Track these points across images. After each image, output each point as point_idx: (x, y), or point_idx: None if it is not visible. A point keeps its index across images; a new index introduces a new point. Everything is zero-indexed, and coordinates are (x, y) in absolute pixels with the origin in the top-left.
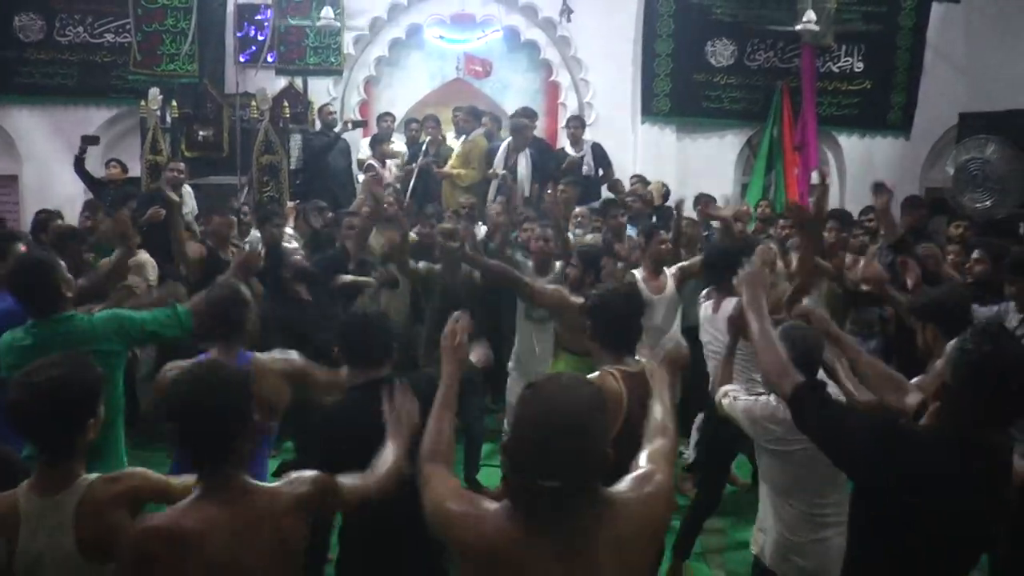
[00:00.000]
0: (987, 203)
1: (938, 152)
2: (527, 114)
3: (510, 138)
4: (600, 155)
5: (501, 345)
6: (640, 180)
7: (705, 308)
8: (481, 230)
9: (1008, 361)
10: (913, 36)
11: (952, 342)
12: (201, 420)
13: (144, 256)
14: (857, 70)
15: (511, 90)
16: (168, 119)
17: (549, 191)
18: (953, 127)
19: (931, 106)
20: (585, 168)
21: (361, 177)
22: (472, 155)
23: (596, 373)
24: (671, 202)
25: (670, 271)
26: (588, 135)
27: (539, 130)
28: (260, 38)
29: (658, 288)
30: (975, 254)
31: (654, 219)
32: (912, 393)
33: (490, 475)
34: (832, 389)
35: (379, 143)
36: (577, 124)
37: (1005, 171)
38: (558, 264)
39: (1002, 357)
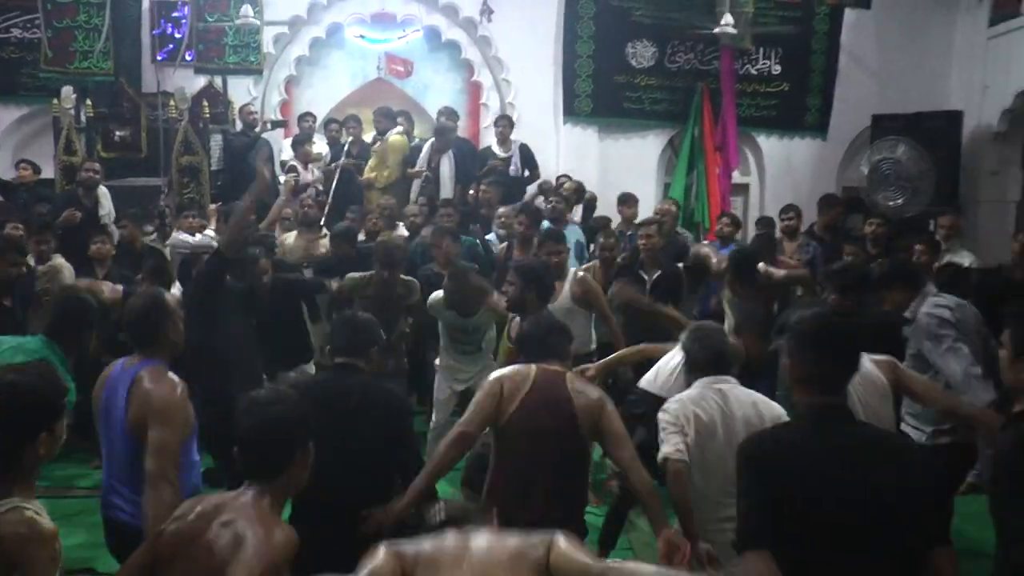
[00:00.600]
0: (899, 201)
1: (853, 152)
2: (450, 115)
3: (432, 139)
4: (527, 156)
5: (427, 344)
6: (567, 180)
7: None
8: (401, 230)
9: (820, 322)
10: (827, 40)
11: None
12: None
13: (60, 260)
14: (775, 73)
15: (433, 90)
16: (83, 119)
17: (472, 191)
18: (867, 128)
19: (846, 108)
20: (512, 169)
21: (283, 178)
22: (387, 155)
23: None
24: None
25: (578, 275)
26: (512, 135)
27: (461, 130)
28: (177, 36)
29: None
30: None
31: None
32: None
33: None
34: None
35: (300, 144)
36: (506, 124)
37: (915, 171)
38: None
39: (816, 320)
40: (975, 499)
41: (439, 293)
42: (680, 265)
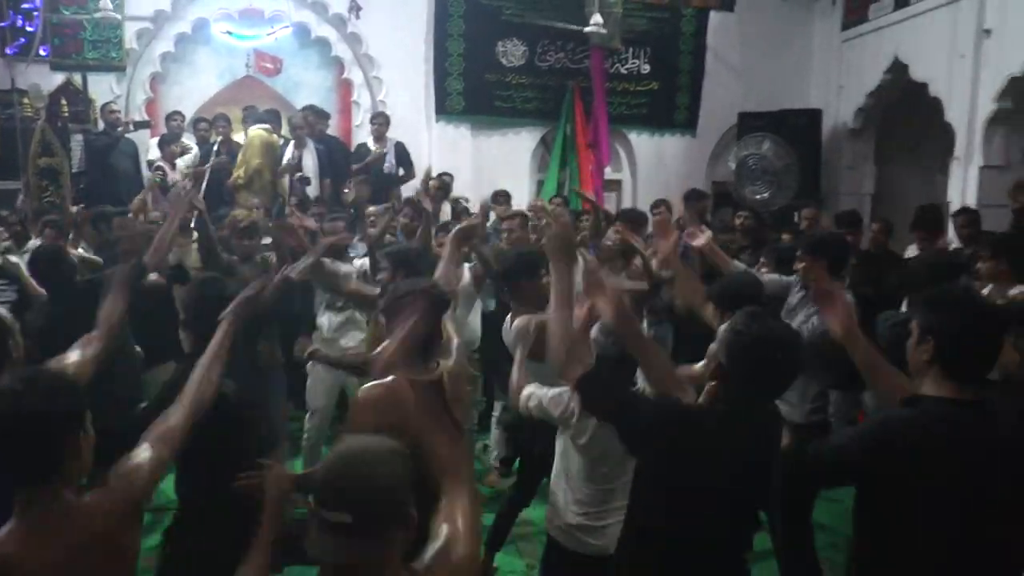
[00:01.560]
0: (765, 195)
1: (721, 149)
2: (318, 113)
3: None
4: (402, 154)
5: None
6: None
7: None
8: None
9: (772, 341)
10: (694, 41)
11: (724, 325)
12: (23, 435)
13: None
14: (644, 72)
15: (304, 88)
16: None
17: (347, 189)
18: (733, 126)
19: (713, 106)
20: (387, 166)
21: (148, 176)
22: (248, 152)
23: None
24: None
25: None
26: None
27: (333, 128)
28: (29, 29)
29: None
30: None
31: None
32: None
33: None
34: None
35: (168, 143)
36: (382, 121)
37: (780, 166)
38: None
39: (767, 337)
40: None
41: None
42: None
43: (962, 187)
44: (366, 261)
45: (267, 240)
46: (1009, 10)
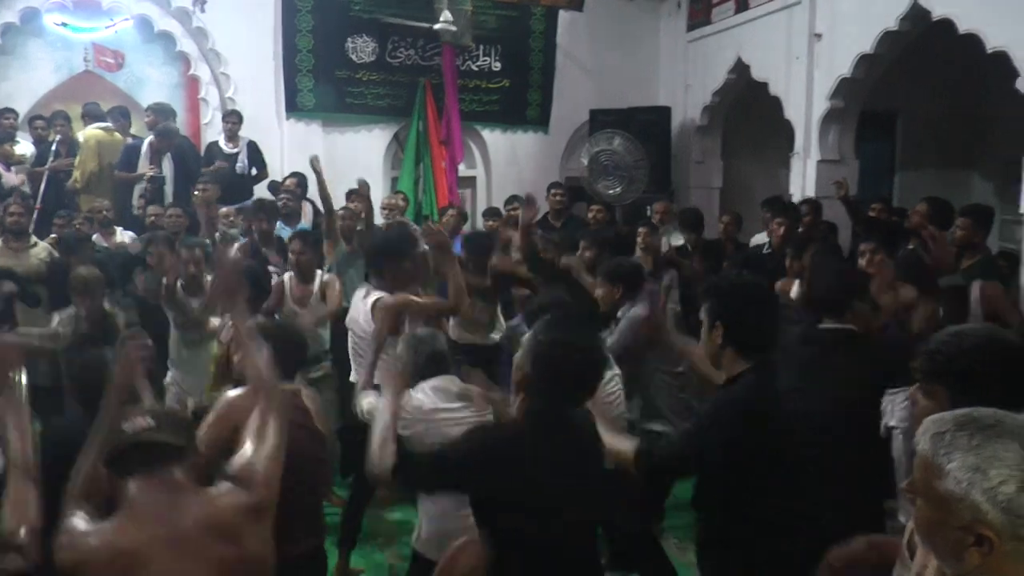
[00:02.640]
0: (618, 190)
1: (574, 145)
2: (163, 111)
3: (152, 137)
4: (255, 153)
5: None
6: (294, 176)
7: (360, 299)
8: (126, 236)
9: (569, 348)
10: (544, 39)
11: (527, 335)
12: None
13: None
14: (496, 69)
15: (148, 84)
16: None
17: (196, 191)
18: (585, 122)
19: (565, 103)
20: (240, 166)
21: None
22: (84, 154)
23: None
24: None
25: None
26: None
27: (181, 126)
28: None
29: (303, 298)
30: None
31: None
32: None
33: None
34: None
35: (1, 144)
36: (235, 120)
37: (631, 161)
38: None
39: (566, 342)
40: None
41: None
42: None
43: (802, 180)
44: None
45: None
46: (837, 15)
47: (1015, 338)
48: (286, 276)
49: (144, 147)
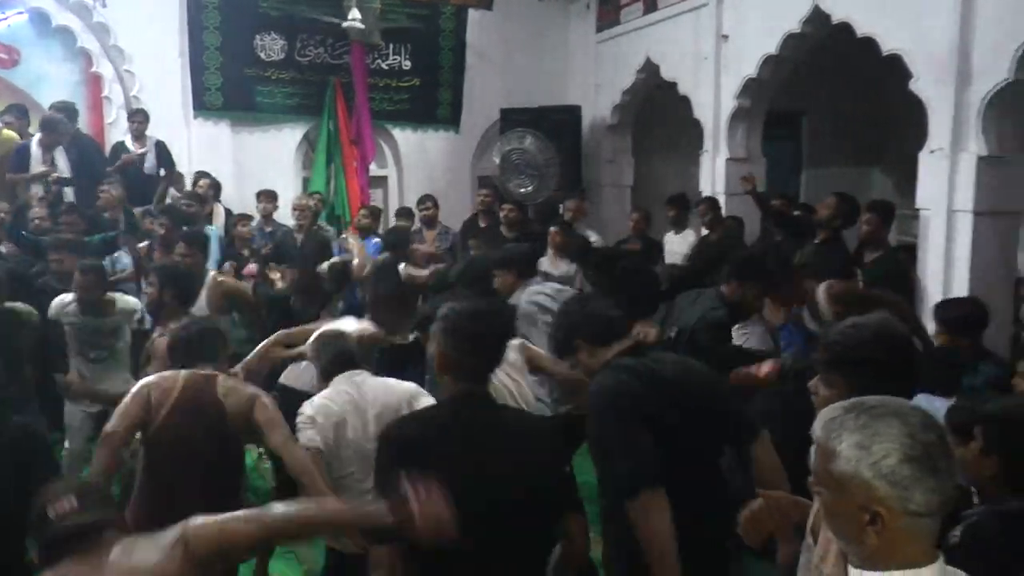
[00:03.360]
0: (529, 188)
1: (485, 144)
2: (66, 110)
3: (39, 134)
4: (164, 153)
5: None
6: (203, 176)
7: None
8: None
9: (479, 313)
10: (454, 38)
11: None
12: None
13: None
14: (406, 68)
15: (47, 82)
16: None
17: (101, 192)
18: (496, 121)
19: (476, 102)
20: (148, 166)
21: None
22: None
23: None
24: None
25: (215, 279)
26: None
27: (83, 125)
28: None
29: None
30: None
31: None
32: None
33: None
34: None
35: None
36: (141, 119)
37: (542, 160)
38: None
39: (472, 311)
40: None
41: (64, 296)
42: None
43: (711, 178)
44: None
45: None
46: (743, 18)
47: (905, 328)
48: None
49: (33, 146)
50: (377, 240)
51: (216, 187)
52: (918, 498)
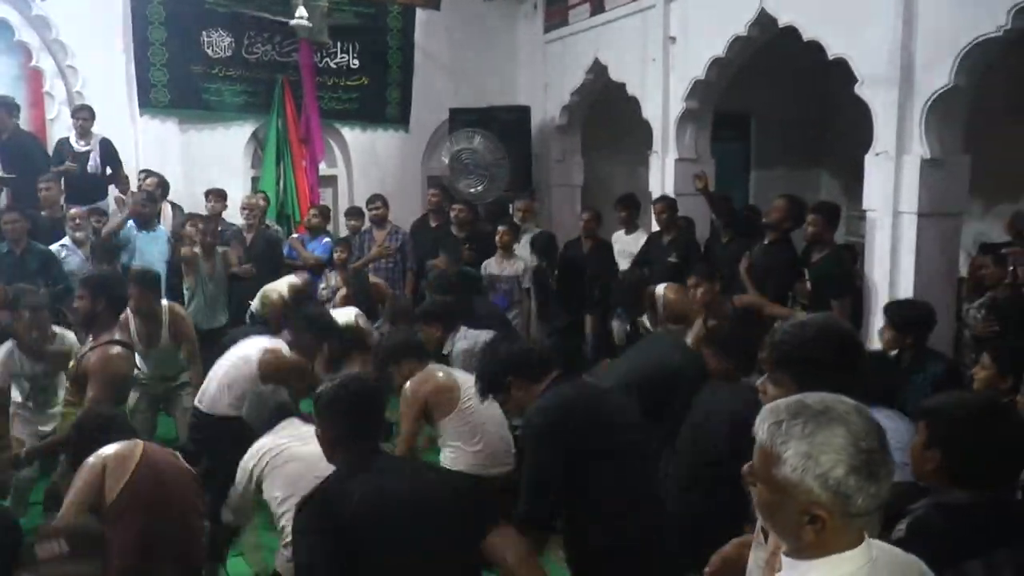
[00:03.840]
0: (479, 188)
1: (435, 143)
2: (7, 105)
3: None
4: (109, 151)
5: None
6: (149, 175)
7: None
8: None
9: (353, 394)
10: (402, 38)
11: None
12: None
13: None
14: (354, 67)
15: None
16: None
17: (40, 190)
18: (445, 121)
19: (425, 102)
20: (92, 165)
21: None
22: None
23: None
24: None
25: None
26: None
27: (24, 121)
28: None
29: None
30: None
31: None
32: None
33: None
34: None
35: None
36: (86, 115)
37: (491, 160)
38: None
39: (348, 387)
40: None
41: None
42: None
43: (661, 178)
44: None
45: None
46: (690, 20)
47: (849, 326)
48: None
49: None
50: (327, 240)
51: (164, 186)
52: (859, 504)
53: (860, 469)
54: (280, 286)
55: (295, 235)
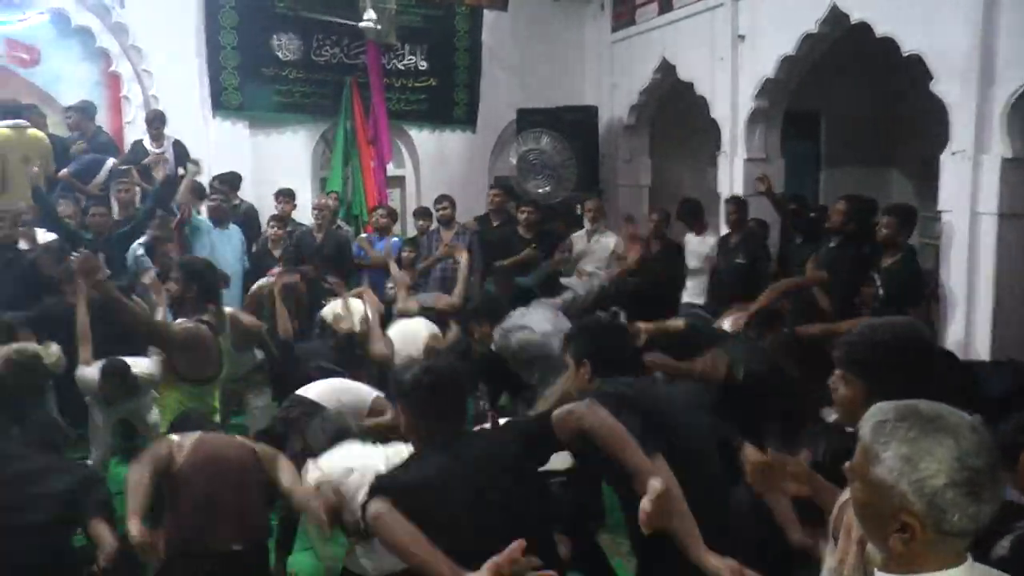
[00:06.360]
0: (547, 188)
1: (502, 144)
2: (81, 107)
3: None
4: (182, 153)
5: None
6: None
7: None
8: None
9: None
10: (469, 39)
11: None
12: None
13: None
14: (422, 68)
15: (66, 81)
16: None
17: (120, 190)
18: (512, 121)
19: (492, 102)
20: (167, 167)
21: None
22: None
23: None
24: None
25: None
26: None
27: (102, 125)
28: None
29: None
30: None
31: None
32: None
33: None
34: None
35: None
36: (159, 124)
37: (559, 160)
38: None
39: (424, 372)
40: None
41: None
42: None
43: (729, 179)
44: None
45: None
46: (759, 18)
47: (927, 330)
48: None
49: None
50: (396, 239)
51: (232, 182)
52: (955, 521)
53: (961, 485)
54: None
55: (363, 235)
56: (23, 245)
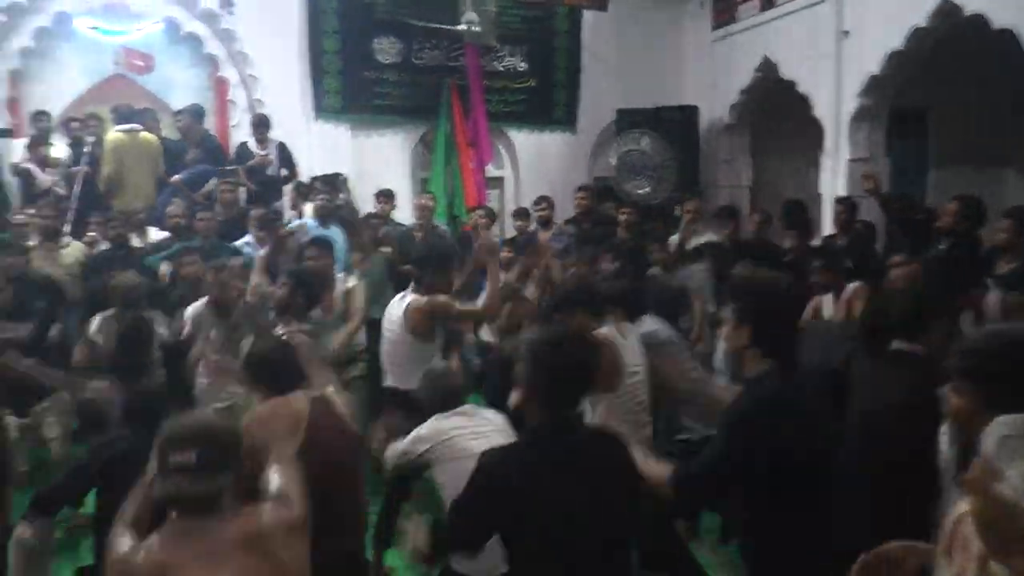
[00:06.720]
0: (647, 189)
1: (601, 145)
2: (190, 111)
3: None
4: (285, 155)
5: None
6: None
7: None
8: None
9: (560, 343)
10: (569, 39)
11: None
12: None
13: None
14: (521, 69)
15: (176, 86)
16: None
17: (224, 191)
18: (612, 122)
19: (592, 103)
20: (270, 169)
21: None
22: (105, 157)
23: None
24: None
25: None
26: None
27: (209, 127)
28: None
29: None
30: None
31: None
32: None
33: None
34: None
35: (36, 145)
36: (263, 129)
37: (659, 160)
38: None
39: (553, 341)
40: None
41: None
42: None
43: (832, 179)
44: None
45: None
46: (865, 13)
47: None
48: None
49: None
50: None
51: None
52: None
53: None
54: None
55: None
56: (135, 243)
